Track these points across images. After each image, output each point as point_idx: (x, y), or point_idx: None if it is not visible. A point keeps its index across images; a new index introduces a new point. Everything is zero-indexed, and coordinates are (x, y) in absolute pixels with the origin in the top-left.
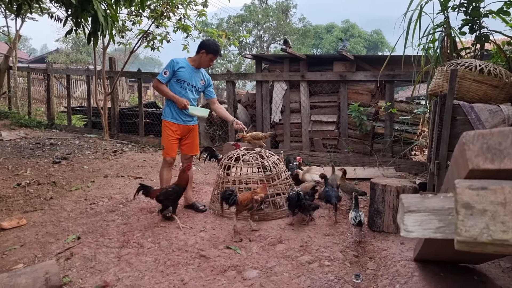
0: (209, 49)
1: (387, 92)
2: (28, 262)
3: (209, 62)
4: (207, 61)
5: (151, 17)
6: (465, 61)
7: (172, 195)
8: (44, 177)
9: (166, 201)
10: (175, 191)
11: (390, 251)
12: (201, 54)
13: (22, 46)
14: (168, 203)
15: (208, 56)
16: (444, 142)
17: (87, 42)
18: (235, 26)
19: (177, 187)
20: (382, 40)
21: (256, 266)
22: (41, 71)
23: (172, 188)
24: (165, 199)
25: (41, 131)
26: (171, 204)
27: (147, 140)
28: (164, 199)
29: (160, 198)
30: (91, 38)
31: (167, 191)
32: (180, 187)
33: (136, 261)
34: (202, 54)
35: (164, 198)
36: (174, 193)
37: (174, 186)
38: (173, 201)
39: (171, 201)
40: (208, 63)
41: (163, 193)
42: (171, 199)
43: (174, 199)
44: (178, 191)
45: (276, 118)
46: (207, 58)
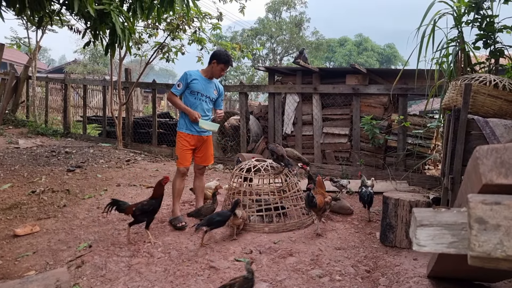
0: (220, 59)
1: (400, 105)
2: (40, 269)
3: (220, 72)
4: (219, 71)
5: (167, 29)
6: (479, 75)
7: (149, 210)
8: (58, 185)
9: (141, 216)
10: (151, 204)
11: (402, 266)
12: (212, 64)
13: (42, 56)
14: (144, 218)
15: (220, 66)
16: (458, 156)
17: (104, 54)
18: (248, 39)
19: (153, 200)
20: (395, 53)
21: (266, 278)
22: (59, 81)
23: (147, 202)
24: (140, 214)
25: (57, 140)
26: (149, 218)
27: (159, 150)
28: (140, 214)
29: (137, 214)
30: (109, 49)
31: (142, 206)
32: (157, 200)
33: (146, 271)
34: (213, 64)
35: (140, 213)
36: (150, 206)
37: (150, 200)
38: (150, 215)
39: (149, 215)
40: (220, 72)
41: (139, 208)
42: (148, 213)
43: (151, 212)
44: (154, 204)
45: (288, 130)
46: (218, 68)
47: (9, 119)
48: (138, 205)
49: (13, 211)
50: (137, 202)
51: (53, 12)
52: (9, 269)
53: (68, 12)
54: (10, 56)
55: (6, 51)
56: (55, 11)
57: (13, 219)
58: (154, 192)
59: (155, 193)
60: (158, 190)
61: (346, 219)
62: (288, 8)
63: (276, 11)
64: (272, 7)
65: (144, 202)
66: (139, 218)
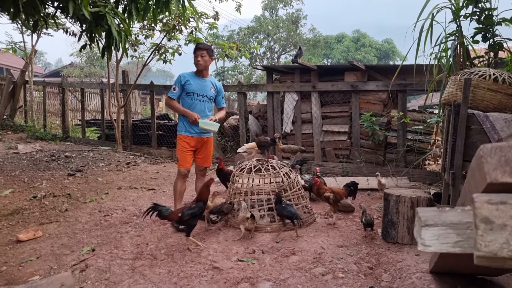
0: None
1: (400, 101)
2: (44, 273)
3: (196, 60)
4: (195, 62)
5: (163, 30)
6: (479, 69)
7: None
8: (59, 189)
9: (192, 221)
10: (200, 207)
11: (405, 262)
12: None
13: (38, 60)
14: (195, 222)
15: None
16: (459, 151)
17: (101, 56)
18: (245, 37)
19: (201, 203)
20: (393, 49)
21: (270, 278)
22: (56, 85)
23: (196, 204)
24: (191, 219)
25: (56, 144)
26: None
27: (159, 152)
28: (190, 218)
29: (185, 218)
30: (105, 52)
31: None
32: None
33: (150, 273)
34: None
35: (190, 217)
36: (200, 209)
37: (197, 202)
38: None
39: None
40: (196, 61)
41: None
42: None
43: (199, 216)
44: (202, 207)
45: (288, 128)
46: (193, 58)
47: (8, 124)
48: (185, 209)
49: (15, 217)
50: (181, 207)
51: (48, 16)
52: (14, 274)
53: (63, 15)
54: (6, 61)
55: (2, 56)
56: (50, 14)
57: (15, 224)
58: (201, 194)
59: (203, 196)
60: (206, 192)
61: (348, 217)
62: (284, 6)
63: (272, 8)
64: (268, 5)
65: (192, 205)
66: (190, 222)
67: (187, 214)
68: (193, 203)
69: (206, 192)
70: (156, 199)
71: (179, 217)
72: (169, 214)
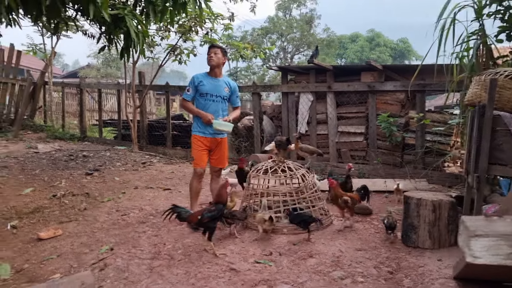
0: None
1: (418, 102)
2: (64, 272)
3: (208, 58)
4: (208, 59)
5: (178, 31)
6: (505, 69)
7: (218, 216)
8: (77, 188)
9: (212, 223)
10: (220, 209)
11: (427, 268)
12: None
13: (56, 61)
14: (215, 225)
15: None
16: (484, 154)
17: (119, 58)
18: (259, 38)
19: (220, 205)
20: (408, 48)
21: (287, 281)
22: (74, 85)
23: (215, 207)
24: (210, 221)
25: (74, 144)
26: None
27: (174, 152)
28: (210, 221)
29: (205, 221)
30: (124, 53)
31: (211, 212)
32: (224, 205)
33: (168, 273)
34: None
35: (210, 220)
36: (219, 212)
37: (217, 205)
38: (217, 221)
39: (216, 221)
40: (209, 59)
41: (208, 215)
42: (216, 220)
43: (219, 219)
44: (222, 209)
45: (303, 129)
46: (207, 56)
47: (28, 124)
48: (205, 212)
49: (36, 215)
50: (200, 210)
51: (68, 18)
52: (35, 272)
53: (83, 17)
54: (26, 62)
55: (23, 57)
56: (70, 17)
57: (36, 222)
58: (219, 196)
59: (221, 198)
60: (224, 194)
61: (366, 219)
62: (298, 6)
63: (286, 9)
64: (282, 5)
65: (211, 208)
66: (209, 225)
67: (206, 216)
68: (212, 206)
69: (224, 194)
70: (172, 199)
71: (199, 220)
72: (188, 216)
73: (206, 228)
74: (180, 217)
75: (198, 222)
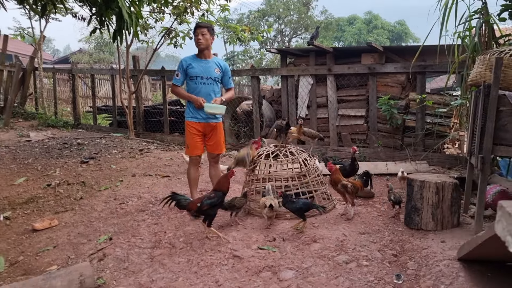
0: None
1: (419, 83)
2: (62, 263)
3: (196, 39)
4: (196, 41)
5: (173, 13)
6: (510, 48)
7: (218, 203)
8: (73, 177)
9: (211, 210)
10: (219, 197)
11: (430, 250)
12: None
13: (46, 47)
14: (214, 212)
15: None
16: (489, 135)
17: (112, 40)
18: (255, 21)
19: (220, 192)
20: (406, 30)
21: (292, 266)
22: (66, 71)
23: (215, 194)
24: (210, 208)
25: (68, 131)
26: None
27: (172, 138)
28: (209, 208)
29: (204, 208)
30: (117, 36)
31: (210, 199)
32: (224, 193)
33: (169, 262)
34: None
35: (209, 207)
36: (219, 199)
37: (217, 192)
38: (217, 210)
39: (216, 209)
40: (196, 39)
41: (207, 202)
42: (216, 207)
43: (219, 206)
44: (222, 197)
45: (303, 113)
46: (194, 37)
47: (19, 112)
48: (205, 199)
49: (30, 205)
50: (200, 197)
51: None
52: (31, 264)
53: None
54: (14, 47)
55: (10, 42)
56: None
57: (30, 213)
58: (220, 184)
59: (222, 186)
60: (225, 182)
61: (368, 203)
62: None
63: None
64: None
65: (210, 195)
66: (209, 212)
67: (206, 204)
68: (212, 193)
69: (226, 183)
70: (171, 186)
71: (198, 207)
72: (188, 204)
73: (206, 215)
74: (179, 204)
75: (197, 209)
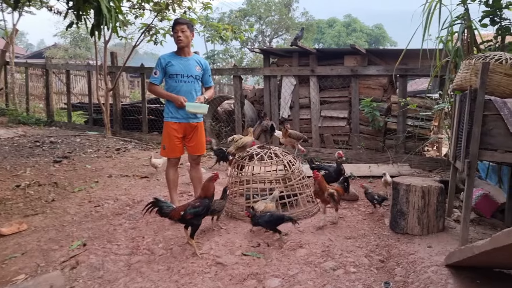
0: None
1: (400, 86)
2: (30, 272)
3: (176, 36)
4: (176, 39)
5: (154, 10)
6: (494, 53)
7: (202, 212)
8: (44, 178)
9: (196, 220)
10: (205, 205)
11: (418, 255)
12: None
13: (19, 41)
14: (199, 222)
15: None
16: (475, 139)
17: (90, 35)
18: (237, 20)
19: (206, 200)
20: (383, 34)
21: (278, 274)
22: (40, 66)
23: (200, 202)
24: (194, 218)
25: (40, 129)
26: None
27: (150, 138)
28: (193, 217)
29: (188, 218)
30: (95, 31)
31: (195, 208)
32: (210, 199)
33: (148, 270)
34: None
35: (193, 216)
36: (204, 208)
37: (203, 200)
38: (202, 218)
39: (201, 218)
40: (176, 37)
41: (191, 211)
42: (201, 216)
43: (204, 215)
44: (208, 204)
45: (285, 114)
46: (173, 35)
47: None
48: (189, 207)
49: None
50: (184, 204)
51: None
52: None
53: None
54: None
55: None
56: None
57: None
58: (205, 190)
59: (207, 191)
60: (210, 187)
61: (353, 206)
62: None
63: None
64: None
65: (195, 203)
66: (193, 222)
67: (190, 213)
68: (197, 201)
69: (211, 188)
70: (149, 188)
71: (182, 216)
72: (171, 211)
73: (190, 225)
74: (161, 212)
75: (181, 218)
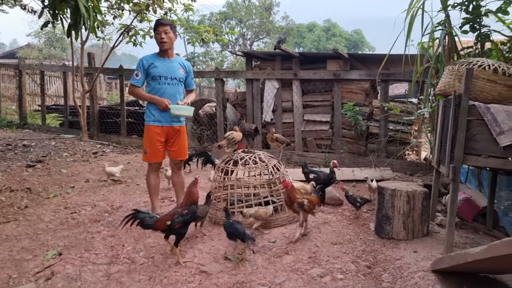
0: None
1: (382, 91)
2: (2, 284)
3: (159, 38)
4: (157, 38)
5: (133, 10)
6: (477, 59)
7: (190, 220)
8: (17, 183)
9: (184, 229)
10: (192, 211)
11: (404, 260)
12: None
13: None
14: (186, 230)
15: (155, 34)
16: (460, 144)
17: (66, 36)
18: (217, 23)
19: (193, 206)
20: (362, 39)
21: (264, 282)
22: (12, 66)
23: (188, 209)
24: (182, 227)
25: (13, 131)
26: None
27: (129, 141)
28: (182, 226)
29: (176, 227)
30: (71, 31)
31: (183, 216)
32: (196, 205)
33: (128, 280)
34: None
35: (182, 225)
36: (192, 215)
37: (190, 206)
38: (189, 225)
39: (188, 225)
40: (159, 38)
41: (179, 220)
42: (188, 224)
43: (190, 222)
44: (195, 210)
45: (268, 117)
46: (156, 37)
47: None
48: (175, 216)
49: None
50: (168, 213)
51: None
52: None
53: None
54: None
55: None
56: None
57: None
58: (190, 196)
59: (192, 197)
60: (195, 193)
61: (337, 210)
62: None
63: None
64: None
65: (183, 210)
66: (180, 231)
67: (178, 221)
68: (184, 208)
69: (195, 193)
70: (129, 193)
71: (169, 226)
72: (155, 222)
73: (176, 234)
74: (143, 224)
75: (168, 228)
